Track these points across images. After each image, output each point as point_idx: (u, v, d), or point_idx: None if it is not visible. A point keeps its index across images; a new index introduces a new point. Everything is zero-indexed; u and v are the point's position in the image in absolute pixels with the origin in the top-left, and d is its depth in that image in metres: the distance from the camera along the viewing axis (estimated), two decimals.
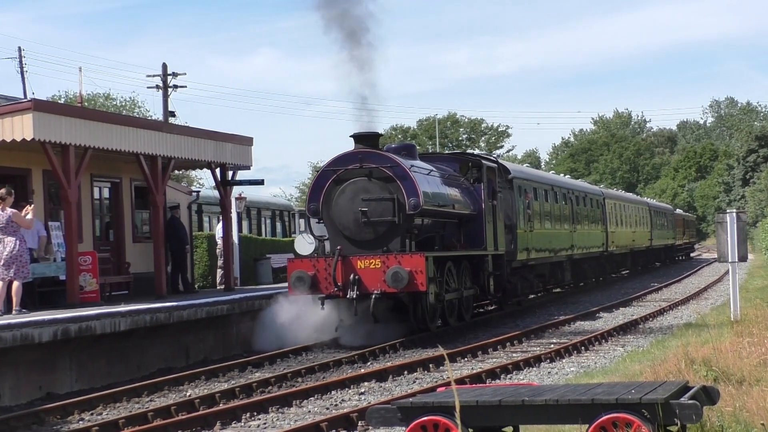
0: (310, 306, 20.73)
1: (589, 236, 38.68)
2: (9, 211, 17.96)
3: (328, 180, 21.08)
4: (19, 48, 50.90)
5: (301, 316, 20.87)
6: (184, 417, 12.80)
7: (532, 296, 32.56)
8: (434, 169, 23.00)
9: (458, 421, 6.29)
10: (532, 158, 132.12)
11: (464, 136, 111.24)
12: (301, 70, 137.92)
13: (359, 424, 12.18)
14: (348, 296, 20.13)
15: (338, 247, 20.40)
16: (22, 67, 49.62)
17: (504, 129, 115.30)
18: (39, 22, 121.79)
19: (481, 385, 13.79)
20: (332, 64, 20.43)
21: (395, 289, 19.98)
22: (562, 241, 33.85)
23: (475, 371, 16.28)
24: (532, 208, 29.70)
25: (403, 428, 8.58)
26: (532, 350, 19.26)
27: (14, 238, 17.92)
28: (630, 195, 59.85)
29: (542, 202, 31.57)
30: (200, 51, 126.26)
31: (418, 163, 22.38)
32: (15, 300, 17.76)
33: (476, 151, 31.55)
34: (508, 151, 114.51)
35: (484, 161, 25.40)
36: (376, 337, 20.23)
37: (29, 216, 18.25)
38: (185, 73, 53.17)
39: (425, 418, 8.38)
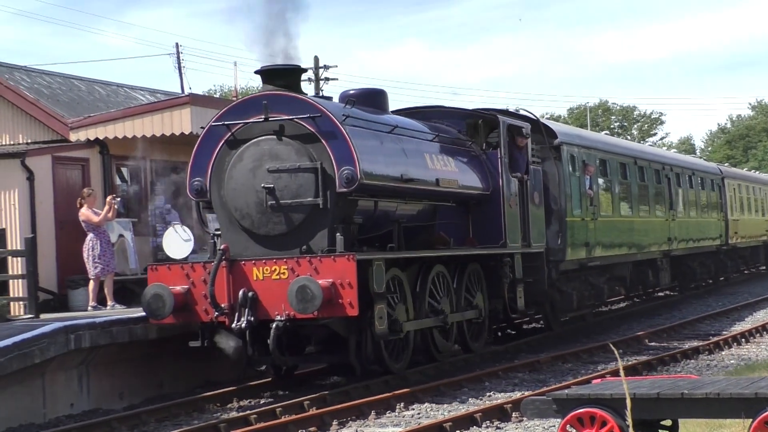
0: None
1: (699, 226, 30.49)
2: (81, 210, 18.11)
3: (218, 141, 14.13)
4: (177, 44, 52.19)
5: None
6: (339, 406, 12.95)
7: (621, 305, 27.08)
8: (413, 127, 15.84)
9: (629, 419, 6.10)
10: (686, 145, 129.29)
11: (616, 124, 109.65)
12: (446, 59, 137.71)
13: (513, 415, 12.12)
14: (234, 326, 13.37)
15: (221, 247, 13.58)
16: (179, 63, 50.77)
17: (657, 116, 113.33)
18: (194, 17, 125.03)
19: (637, 377, 13.57)
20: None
21: (305, 314, 12.93)
22: (653, 233, 25.91)
23: (630, 363, 16.02)
24: (596, 187, 22.01)
25: (558, 420, 8.51)
26: (689, 342, 18.84)
27: (92, 236, 17.98)
28: (762, 175, 49.34)
29: (616, 180, 23.69)
30: (348, 43, 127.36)
31: (375, 116, 14.94)
32: (108, 295, 18.01)
33: (513, 109, 22.22)
34: (661, 139, 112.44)
35: (501, 117, 17.59)
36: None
37: (109, 212, 18.18)
38: (336, 66, 53.48)
39: (582, 410, 8.29)
